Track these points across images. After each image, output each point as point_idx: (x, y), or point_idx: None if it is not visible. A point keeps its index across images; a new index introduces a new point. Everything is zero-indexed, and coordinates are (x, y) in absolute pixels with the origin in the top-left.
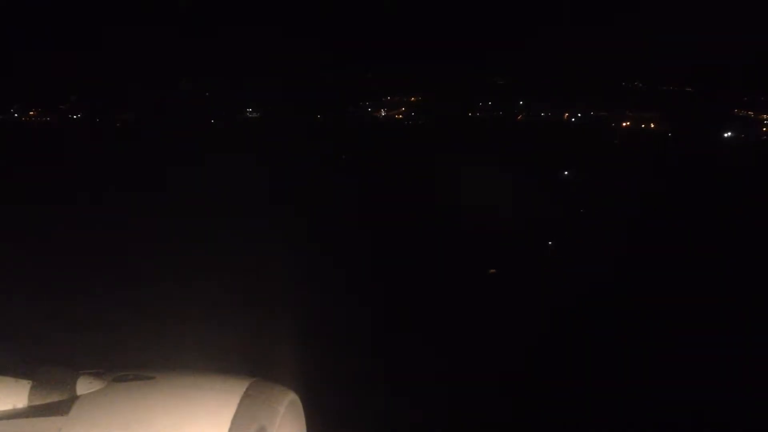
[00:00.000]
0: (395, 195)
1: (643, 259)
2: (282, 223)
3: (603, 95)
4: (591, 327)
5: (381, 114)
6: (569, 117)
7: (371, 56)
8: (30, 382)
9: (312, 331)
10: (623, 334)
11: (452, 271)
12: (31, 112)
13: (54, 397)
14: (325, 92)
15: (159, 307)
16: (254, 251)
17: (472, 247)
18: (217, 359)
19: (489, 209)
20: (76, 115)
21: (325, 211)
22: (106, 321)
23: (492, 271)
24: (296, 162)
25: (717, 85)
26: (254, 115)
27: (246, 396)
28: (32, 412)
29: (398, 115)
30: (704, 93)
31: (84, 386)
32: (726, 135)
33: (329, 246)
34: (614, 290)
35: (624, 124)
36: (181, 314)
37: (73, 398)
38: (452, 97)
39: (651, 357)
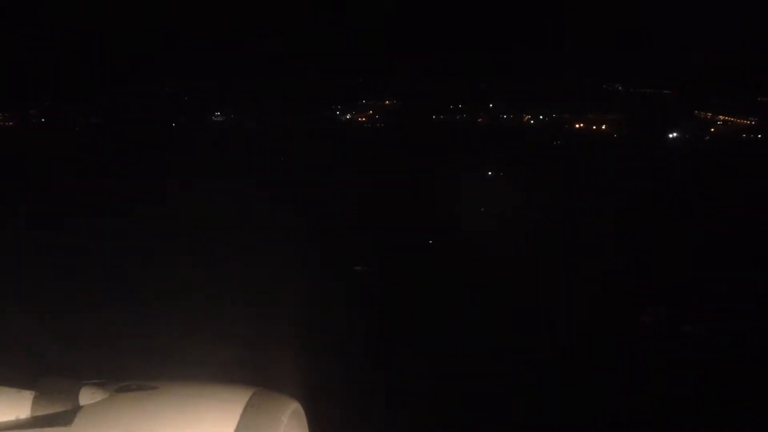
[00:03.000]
0: (316, 194)
1: (531, 257)
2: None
3: (574, 98)
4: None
5: (346, 117)
6: (528, 120)
7: (349, 60)
8: (33, 392)
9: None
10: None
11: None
12: None
13: (57, 408)
14: (299, 96)
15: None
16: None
17: (348, 244)
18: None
19: (397, 208)
20: (43, 119)
21: (254, 210)
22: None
23: (358, 268)
24: (232, 166)
25: (691, 87)
26: (220, 118)
27: (249, 406)
28: (35, 422)
29: (362, 118)
30: (673, 95)
31: (87, 397)
32: (671, 136)
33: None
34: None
35: (576, 126)
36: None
37: (76, 409)
38: (421, 100)
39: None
